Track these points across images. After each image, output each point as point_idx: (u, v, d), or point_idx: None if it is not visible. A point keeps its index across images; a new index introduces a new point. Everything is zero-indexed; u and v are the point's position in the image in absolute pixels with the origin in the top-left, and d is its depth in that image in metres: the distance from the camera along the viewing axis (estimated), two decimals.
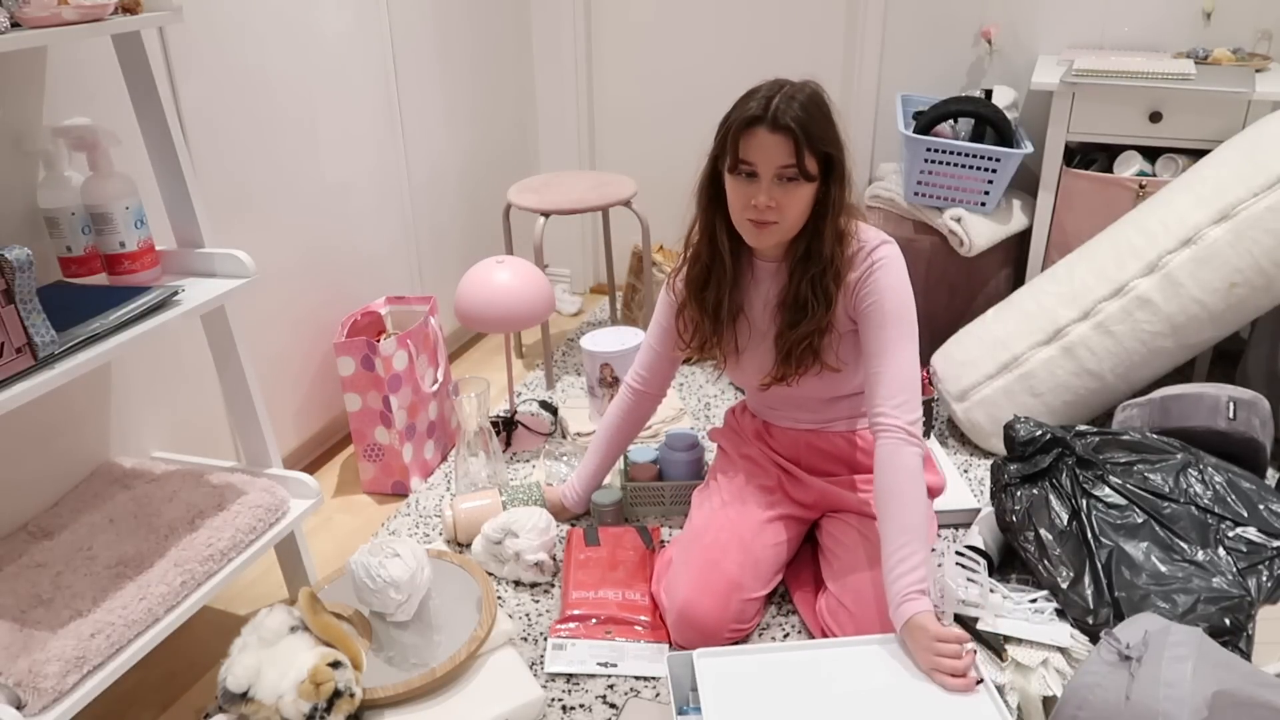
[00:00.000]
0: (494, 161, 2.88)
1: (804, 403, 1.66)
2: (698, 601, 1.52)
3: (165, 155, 1.46)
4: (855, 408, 1.67)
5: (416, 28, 2.43)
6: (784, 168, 1.39)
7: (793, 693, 1.26)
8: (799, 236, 1.48)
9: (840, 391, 1.62)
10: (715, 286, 1.56)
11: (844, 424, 1.68)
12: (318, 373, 2.22)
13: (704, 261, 1.57)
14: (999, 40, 2.53)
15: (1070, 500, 1.63)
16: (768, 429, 1.74)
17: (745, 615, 1.55)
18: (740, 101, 1.42)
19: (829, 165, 1.42)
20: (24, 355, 1.16)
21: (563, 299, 3.10)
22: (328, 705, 1.31)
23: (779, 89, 1.40)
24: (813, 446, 1.69)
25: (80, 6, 1.23)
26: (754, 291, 1.58)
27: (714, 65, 2.83)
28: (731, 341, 1.60)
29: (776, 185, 1.40)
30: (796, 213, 1.43)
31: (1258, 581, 1.51)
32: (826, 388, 1.59)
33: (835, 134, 1.42)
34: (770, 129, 1.37)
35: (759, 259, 1.57)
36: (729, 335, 1.60)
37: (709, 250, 1.55)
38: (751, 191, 1.41)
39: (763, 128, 1.38)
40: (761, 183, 1.40)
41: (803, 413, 1.68)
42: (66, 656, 1.22)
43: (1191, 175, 2.01)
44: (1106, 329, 1.97)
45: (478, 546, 1.79)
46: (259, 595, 1.79)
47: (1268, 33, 2.33)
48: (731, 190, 1.45)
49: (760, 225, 1.44)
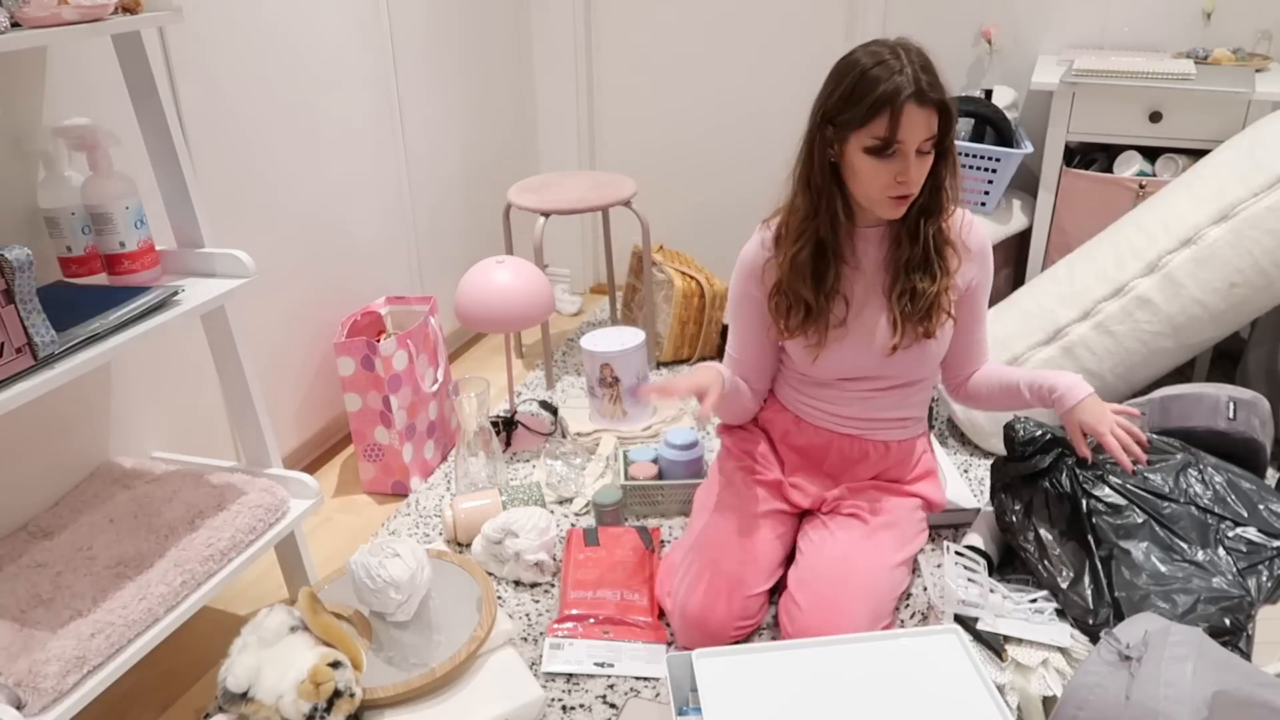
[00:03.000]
0: (494, 161, 2.88)
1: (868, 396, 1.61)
2: (700, 602, 1.52)
3: (165, 155, 1.46)
4: (907, 407, 1.64)
5: (416, 28, 2.43)
6: (926, 141, 1.37)
7: (793, 692, 1.26)
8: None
9: (928, 370, 1.62)
10: (834, 262, 1.51)
11: (886, 431, 1.65)
12: (318, 373, 2.22)
13: (821, 239, 1.49)
14: (999, 40, 2.53)
15: (1070, 500, 1.63)
16: (798, 425, 1.68)
17: (749, 611, 1.54)
18: (866, 74, 1.35)
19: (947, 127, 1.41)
20: (24, 355, 1.16)
21: (563, 299, 3.10)
22: (328, 705, 1.31)
23: (903, 54, 1.35)
24: (842, 453, 1.66)
25: (80, 6, 1.23)
26: (857, 260, 1.54)
27: (714, 65, 2.83)
28: (840, 314, 1.54)
29: (917, 158, 1.37)
30: (923, 181, 1.42)
31: (1258, 581, 1.51)
32: (925, 360, 1.57)
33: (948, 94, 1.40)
34: (919, 104, 1.33)
35: (861, 224, 1.52)
36: (837, 310, 1.54)
37: (829, 227, 1.48)
38: (897, 167, 1.37)
39: (912, 103, 1.33)
40: (908, 157, 1.36)
41: (857, 408, 1.62)
42: (66, 656, 1.22)
43: (1191, 175, 2.01)
44: (1107, 329, 1.97)
45: (478, 546, 1.79)
46: (259, 595, 1.79)
47: (1268, 33, 2.33)
48: (870, 169, 1.38)
49: (901, 200, 1.41)
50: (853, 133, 1.37)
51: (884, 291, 1.53)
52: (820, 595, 1.50)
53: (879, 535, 1.58)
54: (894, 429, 1.65)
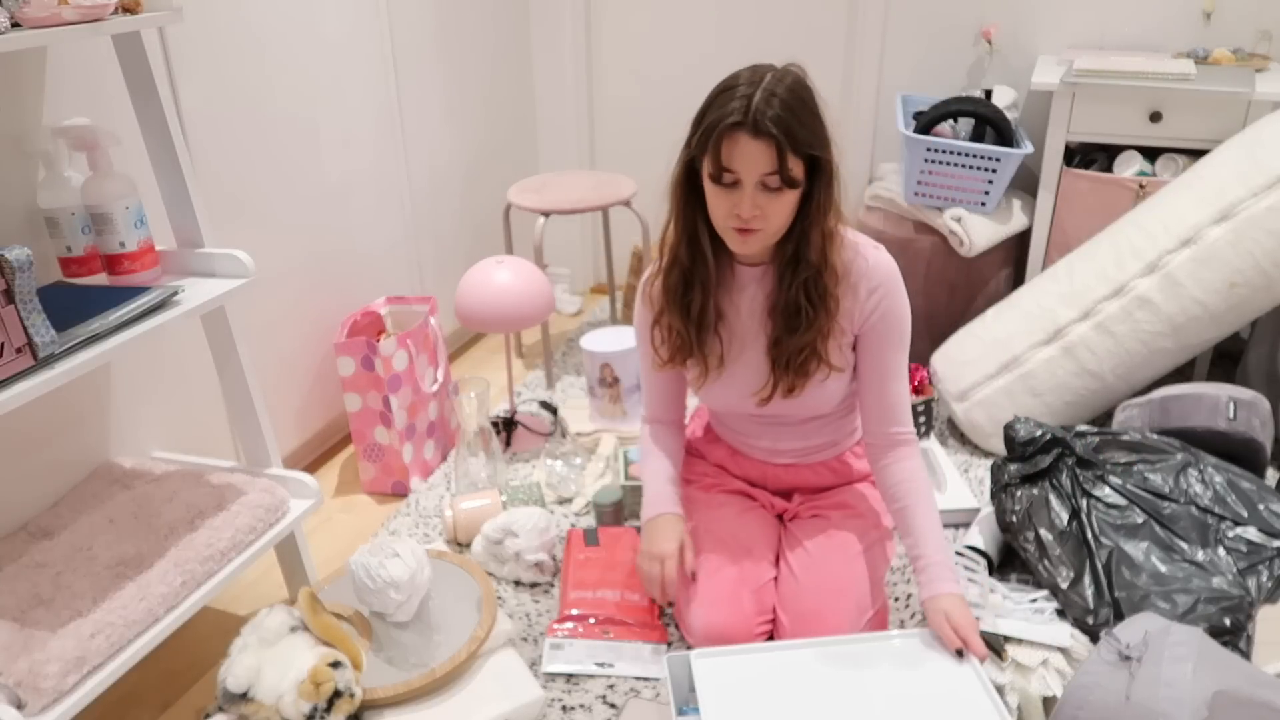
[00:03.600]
0: (494, 161, 2.88)
1: (784, 429, 1.59)
2: (713, 615, 1.47)
3: (165, 155, 1.46)
4: (837, 431, 1.62)
5: (416, 28, 2.43)
6: (767, 175, 1.27)
7: (792, 692, 1.26)
8: (786, 239, 1.38)
9: (825, 408, 1.54)
10: (700, 290, 1.43)
11: (818, 454, 1.63)
12: (318, 373, 2.22)
13: (684, 264, 1.43)
14: (999, 40, 2.53)
15: (1070, 500, 1.63)
16: (734, 457, 1.68)
17: (765, 605, 1.50)
18: (717, 98, 1.29)
19: (815, 166, 1.31)
20: (24, 355, 1.16)
21: (563, 299, 3.09)
22: (328, 705, 1.31)
23: (758, 83, 1.26)
24: (780, 479, 1.66)
25: (80, 6, 1.23)
26: (737, 296, 1.47)
27: (714, 65, 2.79)
28: (716, 352, 1.48)
29: (760, 192, 1.28)
30: (781, 219, 1.33)
31: (1258, 581, 1.51)
32: (817, 402, 1.51)
33: (822, 131, 1.30)
34: (752, 134, 1.25)
35: (741, 262, 1.46)
36: (713, 344, 1.47)
37: (689, 252, 1.42)
38: (734, 200, 1.30)
39: (744, 133, 1.25)
40: (745, 190, 1.28)
41: (781, 441, 1.60)
42: (66, 656, 1.22)
43: (1191, 175, 2.01)
44: (1107, 329, 1.97)
45: (478, 546, 1.79)
46: (259, 595, 1.79)
47: (1268, 33, 2.33)
48: (713, 197, 1.33)
49: (744, 233, 1.33)
50: (700, 156, 1.31)
51: (765, 336, 1.45)
52: (801, 611, 1.47)
53: (844, 529, 1.56)
54: (825, 451, 1.64)
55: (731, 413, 1.62)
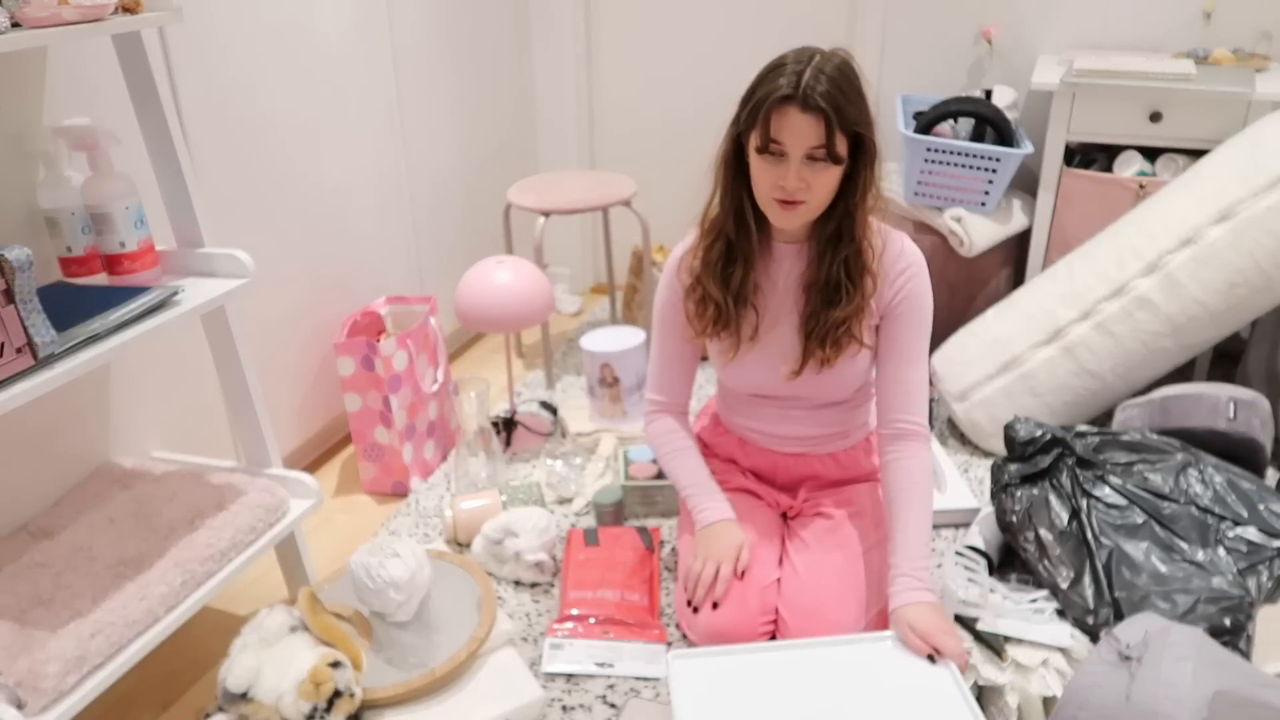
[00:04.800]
0: (494, 161, 2.88)
1: (799, 414, 1.61)
2: (718, 615, 1.47)
3: (165, 155, 1.46)
4: (848, 421, 1.63)
5: (416, 28, 2.43)
6: (814, 149, 1.32)
7: (768, 694, 1.25)
8: (826, 216, 1.42)
9: (846, 391, 1.58)
10: (741, 263, 1.48)
11: (829, 444, 1.64)
12: (318, 373, 2.22)
13: (728, 237, 1.48)
14: (999, 40, 2.53)
15: (1070, 500, 1.63)
16: (743, 448, 1.69)
17: (768, 604, 1.50)
18: (768, 74, 1.34)
19: (858, 145, 1.36)
20: (24, 355, 1.16)
21: (563, 299, 3.10)
22: (328, 705, 1.31)
23: (808, 60, 1.31)
24: (790, 471, 1.66)
25: (80, 6, 1.23)
26: (774, 270, 1.51)
27: (714, 65, 2.83)
28: (751, 322, 1.51)
29: (805, 166, 1.33)
30: (824, 193, 1.37)
31: (1258, 581, 1.51)
32: (843, 380, 1.54)
33: (866, 111, 1.35)
34: (801, 108, 1.30)
35: (778, 239, 1.50)
36: (748, 316, 1.51)
37: (735, 225, 1.47)
38: (780, 172, 1.34)
39: (793, 107, 1.30)
40: (791, 163, 1.33)
41: (794, 427, 1.62)
42: (66, 656, 1.22)
43: (1191, 175, 2.01)
44: (1107, 329, 1.97)
45: (478, 546, 1.79)
46: (259, 595, 1.79)
47: (1268, 33, 2.33)
48: (758, 169, 1.38)
49: (788, 205, 1.37)
50: (749, 131, 1.36)
51: (798, 312, 1.50)
52: (803, 608, 1.48)
53: (848, 527, 1.57)
54: (835, 441, 1.65)
55: (751, 393, 1.62)
